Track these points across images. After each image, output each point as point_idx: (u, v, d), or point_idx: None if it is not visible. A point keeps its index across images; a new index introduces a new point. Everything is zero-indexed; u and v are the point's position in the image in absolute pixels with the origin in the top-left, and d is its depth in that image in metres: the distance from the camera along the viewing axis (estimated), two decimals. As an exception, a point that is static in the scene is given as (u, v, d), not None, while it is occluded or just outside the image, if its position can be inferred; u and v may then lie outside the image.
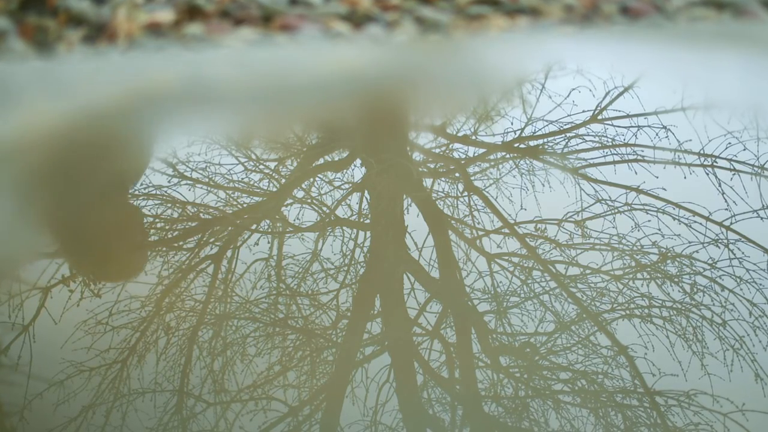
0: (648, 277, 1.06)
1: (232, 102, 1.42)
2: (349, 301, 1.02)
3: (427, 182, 1.26)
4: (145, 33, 1.66)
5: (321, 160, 1.34)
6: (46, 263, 1.05)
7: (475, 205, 1.20)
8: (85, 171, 1.19)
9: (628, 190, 1.22)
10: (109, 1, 1.69)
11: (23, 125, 1.27)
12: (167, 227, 1.16)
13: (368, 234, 1.15)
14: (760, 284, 1.04)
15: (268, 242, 1.12)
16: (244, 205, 1.21)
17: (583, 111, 1.44)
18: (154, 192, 1.21)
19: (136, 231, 1.10)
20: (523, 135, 1.38)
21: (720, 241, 1.12)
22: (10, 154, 1.20)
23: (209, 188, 1.23)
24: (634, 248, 1.11)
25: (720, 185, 1.23)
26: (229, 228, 1.16)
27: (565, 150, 1.34)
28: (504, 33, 1.79)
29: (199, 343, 0.95)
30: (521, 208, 1.19)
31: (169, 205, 1.19)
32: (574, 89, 1.49)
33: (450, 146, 1.38)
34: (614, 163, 1.29)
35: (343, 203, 1.20)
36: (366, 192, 1.24)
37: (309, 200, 1.21)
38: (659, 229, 1.14)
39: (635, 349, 0.95)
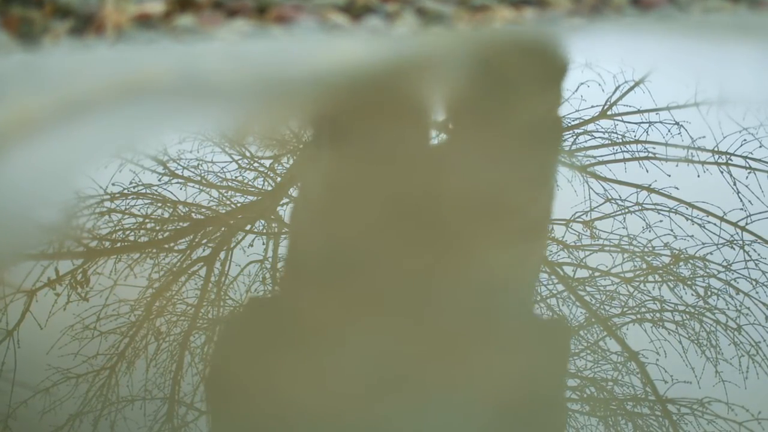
0: (660, 279, 1.06)
1: (225, 96, 1.42)
2: (347, 303, 1.02)
3: (428, 180, 1.26)
4: (134, 25, 1.66)
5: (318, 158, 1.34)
6: (31, 265, 1.05)
7: (478, 204, 1.20)
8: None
9: (639, 189, 1.22)
10: (97, -9, 1.69)
11: (7, 119, 1.27)
12: (158, 228, 1.16)
13: (367, 234, 1.15)
14: (777, 287, 1.04)
15: (263, 243, 1.12)
16: (238, 205, 1.21)
17: (592, 106, 1.44)
18: (143, 191, 1.21)
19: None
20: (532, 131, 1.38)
21: (735, 242, 1.12)
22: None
23: (201, 187, 1.23)
24: (646, 250, 1.11)
25: (735, 184, 1.23)
26: (223, 228, 1.16)
27: (574, 147, 1.34)
28: (509, 25, 1.79)
29: (191, 349, 0.95)
30: (527, 208, 1.19)
31: (160, 204, 1.19)
32: (582, 83, 1.49)
33: (452, 143, 1.38)
34: (624, 160, 1.29)
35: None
36: (363, 191, 1.24)
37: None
38: (671, 230, 1.14)
39: (646, 354, 0.95)
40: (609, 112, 1.42)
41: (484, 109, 1.47)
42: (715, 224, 1.15)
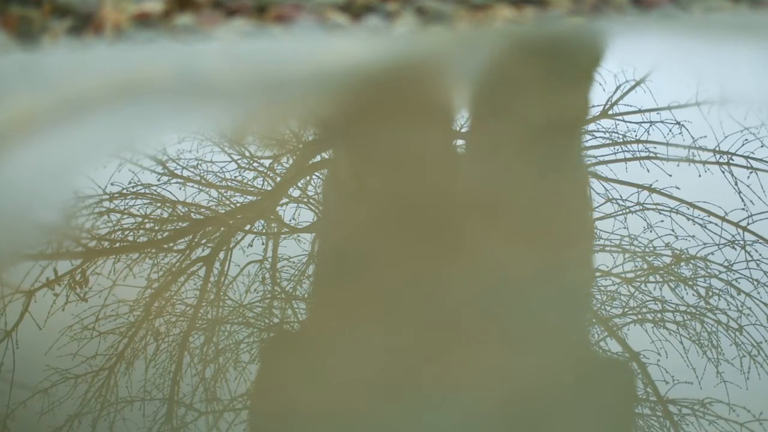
0: (661, 280, 1.06)
1: (224, 96, 1.42)
2: (347, 305, 1.02)
3: (429, 181, 1.26)
4: (133, 24, 1.66)
5: (318, 158, 1.34)
6: (30, 265, 1.05)
7: (479, 204, 1.20)
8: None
9: (639, 189, 1.22)
10: (96, -10, 1.69)
11: (6, 119, 1.27)
12: (157, 228, 1.16)
13: (367, 234, 1.15)
14: (779, 287, 1.04)
15: (263, 244, 1.12)
16: (238, 205, 1.21)
17: (593, 106, 1.44)
18: (142, 191, 1.21)
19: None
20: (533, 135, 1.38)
21: (736, 242, 1.12)
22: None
23: (201, 187, 1.23)
24: (647, 250, 1.11)
25: (736, 184, 1.23)
26: (222, 229, 1.16)
27: (574, 147, 1.34)
28: (510, 24, 1.79)
29: (191, 350, 0.95)
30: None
31: (159, 204, 1.19)
32: (583, 83, 1.49)
33: (452, 142, 1.38)
34: (625, 160, 1.29)
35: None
36: (363, 190, 1.24)
37: (305, 199, 1.21)
38: (673, 230, 1.14)
39: (647, 355, 0.95)
40: (610, 112, 1.42)
41: (487, 109, 1.47)
42: (716, 224, 1.15)
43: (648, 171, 1.26)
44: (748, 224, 1.15)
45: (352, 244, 1.10)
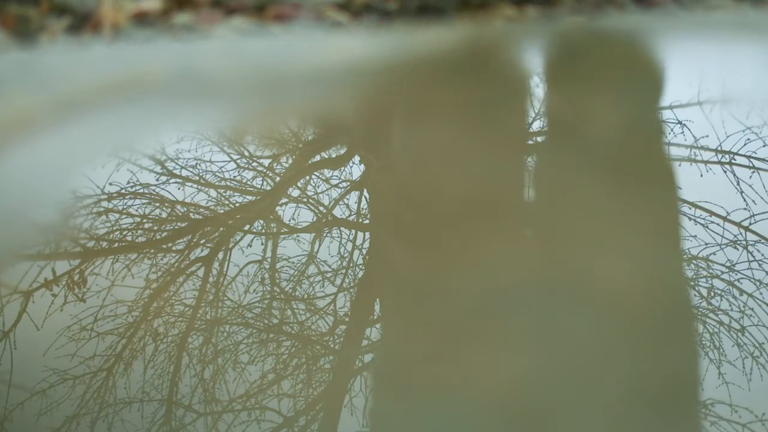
0: (662, 280, 1.06)
1: (223, 95, 1.42)
2: (347, 305, 1.02)
3: (429, 181, 1.26)
4: (131, 23, 1.66)
5: (317, 157, 1.34)
6: (28, 265, 1.05)
7: (480, 204, 1.20)
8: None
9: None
10: (94, -11, 1.69)
11: (3, 118, 1.27)
12: (155, 228, 1.16)
13: (367, 235, 1.16)
14: (781, 288, 1.04)
15: (262, 244, 1.12)
16: (237, 205, 1.21)
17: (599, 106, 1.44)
18: (141, 191, 1.21)
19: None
20: (531, 131, 1.38)
21: (738, 242, 1.12)
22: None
23: (200, 187, 1.23)
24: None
25: (738, 183, 1.23)
26: (221, 229, 1.16)
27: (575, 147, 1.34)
28: (511, 23, 1.79)
29: (189, 350, 0.95)
30: (529, 208, 1.19)
31: (158, 204, 1.19)
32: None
33: (453, 143, 1.38)
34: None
35: (340, 202, 1.21)
36: (365, 191, 1.24)
37: (305, 199, 1.21)
38: (674, 230, 1.14)
39: (649, 355, 0.95)
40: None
41: (486, 109, 1.47)
42: (718, 224, 1.15)
43: (649, 171, 1.26)
44: (750, 224, 1.15)
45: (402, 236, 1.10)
